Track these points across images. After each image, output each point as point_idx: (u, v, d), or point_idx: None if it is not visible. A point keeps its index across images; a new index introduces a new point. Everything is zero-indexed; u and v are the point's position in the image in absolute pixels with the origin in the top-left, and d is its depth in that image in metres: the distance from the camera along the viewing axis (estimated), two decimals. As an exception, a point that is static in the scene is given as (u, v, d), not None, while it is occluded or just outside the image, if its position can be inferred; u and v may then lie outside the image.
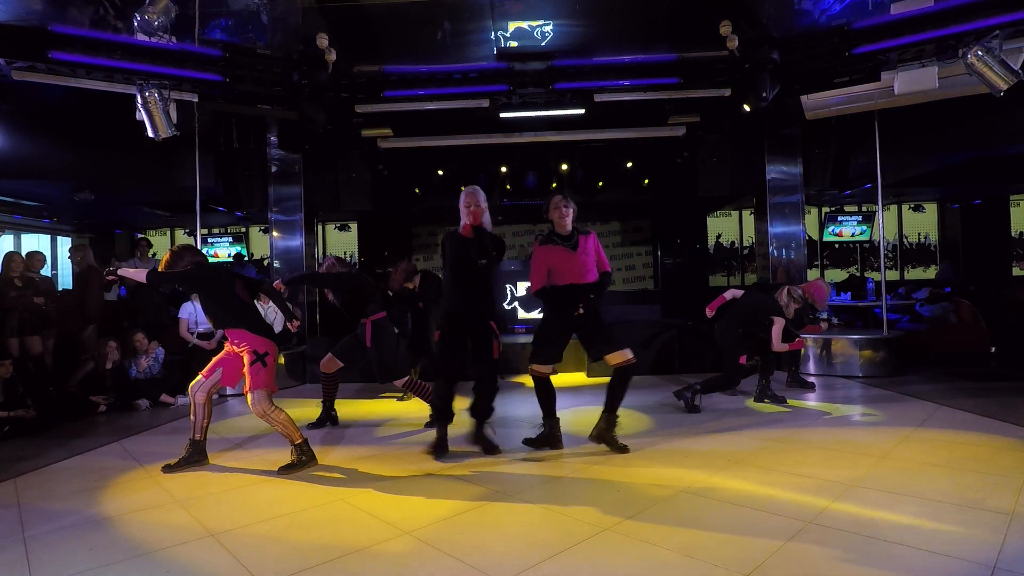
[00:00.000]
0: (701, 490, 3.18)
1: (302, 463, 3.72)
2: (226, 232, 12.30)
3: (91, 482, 3.63)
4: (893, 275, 11.86)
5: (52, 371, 6.09)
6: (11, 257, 6.17)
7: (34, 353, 5.99)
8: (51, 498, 3.38)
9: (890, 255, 12.14)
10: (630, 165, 9.13)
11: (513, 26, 6.98)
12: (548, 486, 3.34)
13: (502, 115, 6.55)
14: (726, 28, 5.60)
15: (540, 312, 7.78)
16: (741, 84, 6.01)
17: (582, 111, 6.54)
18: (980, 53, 4.93)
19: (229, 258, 11.56)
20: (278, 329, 7.13)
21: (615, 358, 3.89)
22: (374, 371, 4.72)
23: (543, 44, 6.95)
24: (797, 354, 6.10)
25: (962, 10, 5.04)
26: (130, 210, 10.43)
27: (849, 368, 6.59)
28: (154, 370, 6.11)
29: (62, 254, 11.54)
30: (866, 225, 11.04)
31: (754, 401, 5.34)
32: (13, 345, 5.74)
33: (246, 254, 11.95)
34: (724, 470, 3.52)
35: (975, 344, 7.06)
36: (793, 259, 7.70)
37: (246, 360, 3.72)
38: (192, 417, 3.83)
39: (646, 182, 9.80)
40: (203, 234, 9.33)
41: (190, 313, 6.61)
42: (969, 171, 8.70)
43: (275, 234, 7.96)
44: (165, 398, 5.96)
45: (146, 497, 3.34)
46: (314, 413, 5.06)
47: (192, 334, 6.55)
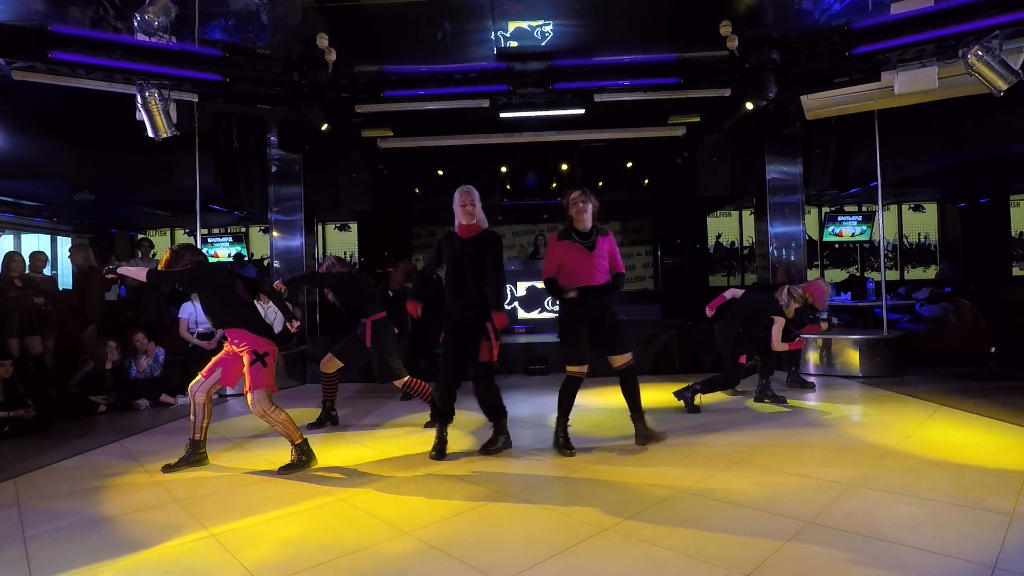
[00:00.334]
0: (701, 490, 3.18)
1: (302, 463, 3.72)
2: (226, 232, 12.31)
3: (91, 482, 3.63)
4: (893, 275, 11.86)
5: (52, 371, 6.09)
6: (11, 257, 6.17)
7: (34, 353, 5.99)
8: (51, 498, 3.38)
9: (890, 255, 12.14)
10: (630, 165, 9.13)
11: (513, 26, 6.98)
12: (548, 486, 3.34)
13: (502, 115, 6.56)
14: (726, 28, 5.60)
15: (539, 312, 7.72)
16: (742, 84, 6.02)
17: (582, 111, 6.55)
18: (980, 53, 4.93)
19: (229, 258, 11.57)
20: (278, 329, 7.13)
21: (618, 360, 3.96)
22: (374, 371, 4.72)
23: (543, 44, 6.95)
24: (797, 354, 6.10)
25: (962, 10, 5.04)
26: (130, 210, 10.43)
27: (849, 368, 6.59)
28: (154, 370, 6.11)
29: (62, 254, 11.53)
30: (866, 225, 11.04)
31: (754, 401, 5.34)
32: (13, 345, 5.74)
33: (246, 254, 11.95)
34: (724, 470, 3.52)
35: (975, 344, 7.06)
36: (793, 259, 7.71)
37: (246, 360, 3.72)
38: (192, 417, 3.83)
39: (646, 182, 9.80)
40: (203, 234, 9.33)
41: (190, 313, 6.61)
42: (969, 171, 8.70)
43: (275, 234, 7.97)
44: (165, 398, 5.96)
45: (146, 497, 3.34)
46: (314, 413, 5.06)
47: (192, 334, 6.55)
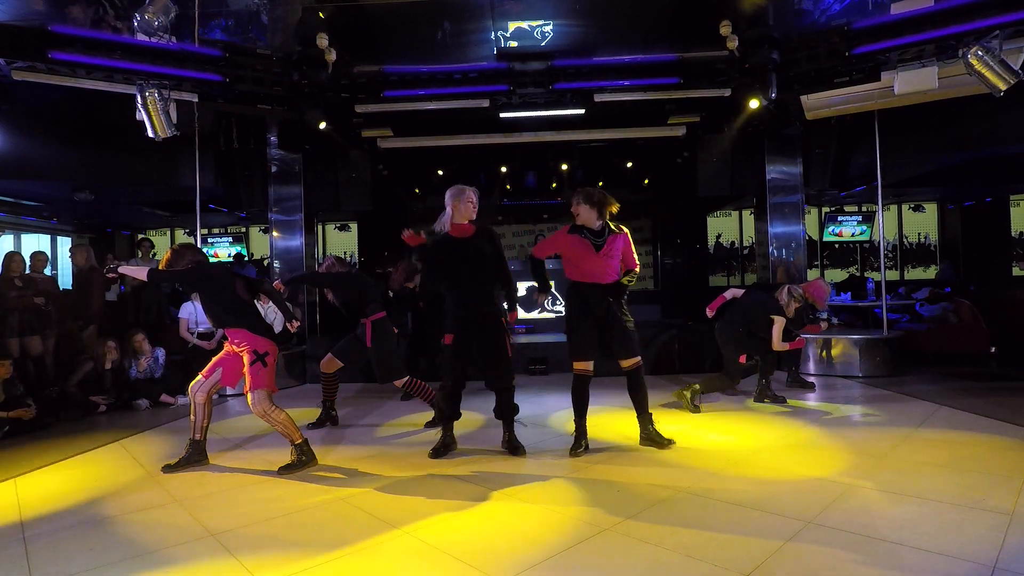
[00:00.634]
0: (701, 490, 3.18)
1: (302, 463, 3.72)
2: (226, 232, 12.31)
3: (91, 482, 3.63)
4: (893, 275, 11.86)
5: (52, 371, 6.10)
6: (12, 257, 6.17)
7: (34, 353, 6.00)
8: (51, 498, 3.38)
9: (890, 255, 12.14)
10: (630, 165, 9.13)
11: (513, 26, 6.99)
12: (548, 486, 3.34)
13: (502, 115, 6.56)
14: (726, 28, 5.60)
15: (539, 312, 7.72)
16: (742, 84, 6.02)
17: (582, 111, 6.55)
18: (980, 53, 4.93)
19: (229, 258, 11.57)
20: (278, 329, 7.13)
21: (627, 362, 3.93)
22: (374, 371, 4.72)
23: (543, 44, 6.95)
24: (798, 354, 6.10)
25: (962, 10, 5.04)
26: (130, 210, 10.44)
27: (849, 368, 6.59)
28: (154, 370, 6.11)
29: (62, 254, 11.54)
30: (866, 225, 11.04)
31: (754, 401, 5.34)
32: (13, 345, 5.75)
33: (246, 254, 11.95)
34: (724, 470, 3.52)
35: (975, 344, 7.06)
36: (793, 259, 7.71)
37: (246, 360, 3.72)
38: (192, 417, 3.83)
39: (646, 182, 9.81)
40: (203, 234, 9.33)
41: (190, 313, 6.61)
42: (969, 171, 8.71)
43: (275, 234, 7.96)
44: (165, 398, 5.96)
45: (146, 497, 3.34)
46: (314, 413, 5.06)
47: (192, 334, 6.55)
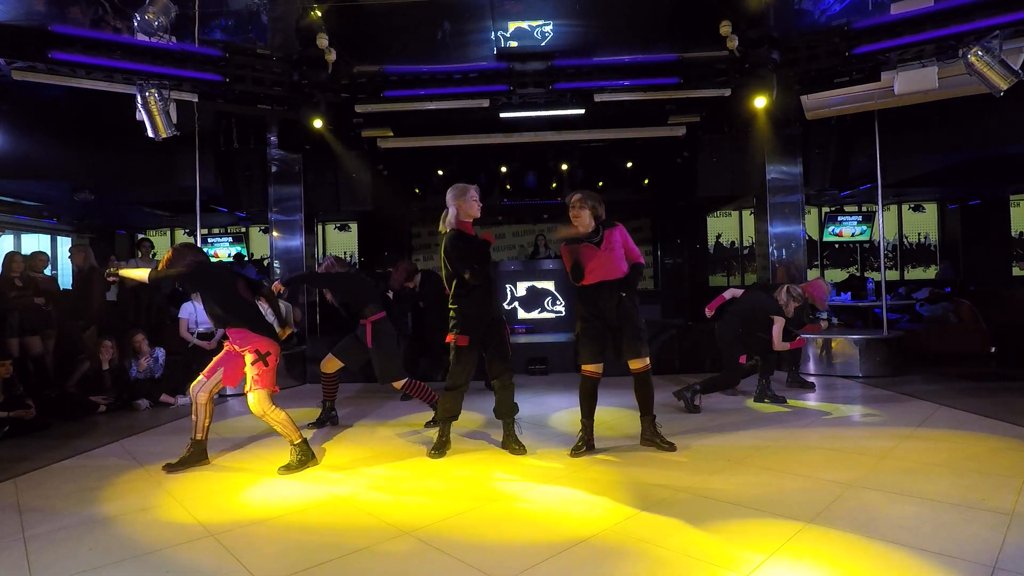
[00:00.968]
0: (701, 490, 3.18)
1: (301, 463, 3.72)
2: (226, 232, 12.31)
3: (91, 482, 3.63)
4: (893, 275, 11.87)
5: (52, 371, 6.10)
6: (12, 257, 6.17)
7: (34, 353, 6.00)
8: (51, 498, 3.38)
9: (890, 255, 12.14)
10: (630, 165, 9.14)
11: (513, 26, 7.00)
12: (548, 486, 3.34)
13: (502, 115, 6.57)
14: (726, 28, 5.61)
15: (539, 312, 7.73)
16: (745, 83, 6.02)
17: (582, 111, 6.55)
18: (980, 53, 4.93)
19: (229, 258, 11.58)
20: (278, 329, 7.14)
21: (635, 364, 3.89)
22: (375, 372, 4.72)
23: (543, 44, 6.96)
24: (798, 354, 6.10)
25: (962, 10, 5.05)
26: (130, 210, 10.45)
27: (849, 368, 6.59)
28: (155, 371, 6.11)
29: (62, 254, 11.54)
30: (866, 225, 11.04)
31: (754, 401, 5.34)
32: (13, 345, 5.75)
33: (246, 254, 11.96)
34: (724, 470, 3.52)
35: (975, 344, 7.07)
36: (793, 259, 7.71)
37: (248, 360, 3.72)
38: (194, 417, 3.83)
39: (646, 182, 9.81)
40: (203, 234, 9.32)
41: (190, 313, 6.61)
42: (969, 171, 8.71)
43: (275, 234, 7.97)
44: (165, 398, 5.96)
45: (146, 497, 3.34)
46: (314, 413, 5.06)
47: (192, 334, 6.55)
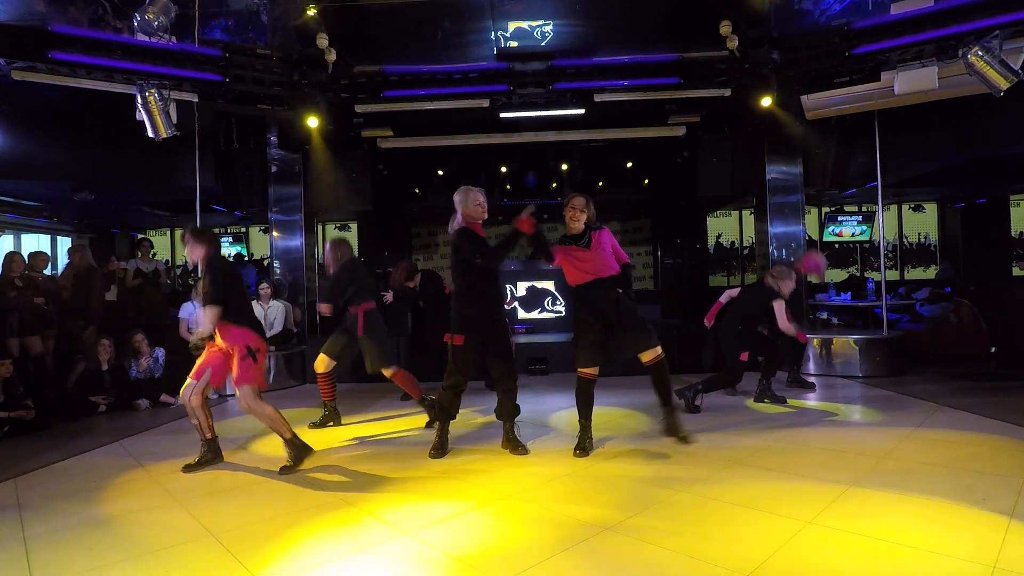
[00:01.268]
0: (701, 490, 3.18)
1: (299, 458, 3.73)
2: (226, 232, 12.30)
3: (91, 482, 3.63)
4: (893, 275, 11.86)
5: (52, 371, 6.09)
6: (12, 257, 6.17)
7: (34, 353, 6.00)
8: (51, 498, 3.38)
9: (890, 255, 12.14)
10: (630, 165, 9.13)
11: (513, 26, 6.99)
12: (548, 486, 3.34)
13: (502, 115, 6.57)
14: (726, 28, 5.60)
15: (539, 312, 7.70)
16: (745, 83, 6.02)
17: (582, 111, 6.55)
18: (980, 53, 4.93)
19: (229, 258, 11.57)
20: (278, 329, 7.15)
21: (647, 355, 3.80)
22: (365, 361, 4.71)
23: (543, 44, 6.95)
24: (800, 353, 6.11)
25: (962, 10, 5.04)
26: (130, 210, 10.44)
27: (849, 368, 6.59)
28: (155, 371, 6.11)
29: (62, 254, 11.53)
30: (866, 225, 11.03)
31: (754, 401, 5.34)
32: (13, 345, 5.74)
33: (246, 254, 11.95)
34: (724, 470, 3.52)
35: (975, 344, 7.06)
36: (793, 259, 7.70)
37: (236, 355, 3.70)
38: (194, 421, 3.81)
39: (646, 182, 9.80)
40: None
41: (190, 313, 6.61)
42: (969, 171, 8.70)
43: (275, 234, 7.97)
44: (165, 398, 5.96)
45: (146, 497, 3.34)
46: (314, 413, 5.06)
47: (192, 334, 6.54)
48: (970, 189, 10.88)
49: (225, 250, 11.84)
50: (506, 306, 8.57)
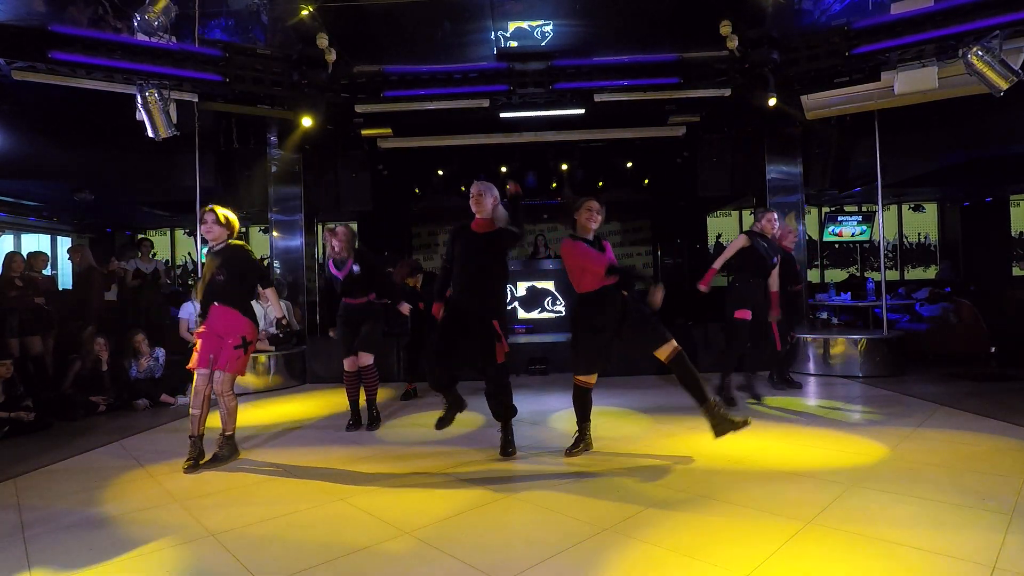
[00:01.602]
0: (701, 490, 3.18)
1: (229, 456, 3.91)
2: (226, 232, 12.28)
3: (91, 482, 3.63)
4: (893, 275, 11.87)
5: (52, 371, 6.09)
6: (12, 257, 6.18)
7: (34, 353, 6.00)
8: (51, 498, 3.38)
9: (890, 255, 12.14)
10: (630, 165, 9.14)
11: (513, 26, 6.99)
12: (548, 486, 3.34)
13: (502, 115, 6.56)
14: (726, 28, 5.60)
15: (539, 312, 7.66)
16: (745, 83, 6.02)
17: (582, 111, 6.55)
18: (980, 53, 4.93)
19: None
20: (274, 329, 7.16)
21: (662, 352, 3.60)
22: (357, 341, 4.75)
23: (543, 44, 6.95)
24: (791, 352, 6.14)
25: (962, 10, 5.04)
26: (130, 210, 10.44)
27: (849, 368, 6.59)
28: (155, 371, 6.11)
29: (62, 254, 11.54)
30: (866, 225, 11.02)
31: (751, 402, 5.29)
32: (13, 345, 5.75)
33: (246, 254, 11.93)
34: (724, 470, 3.52)
35: (975, 344, 7.05)
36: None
37: (230, 342, 3.78)
38: (197, 412, 3.82)
39: (646, 182, 9.81)
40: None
41: (190, 313, 6.61)
42: (969, 171, 8.70)
43: (275, 234, 7.97)
44: (165, 398, 5.96)
45: (146, 497, 3.35)
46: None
47: (192, 334, 6.55)
48: (970, 189, 10.88)
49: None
50: (506, 306, 8.59)
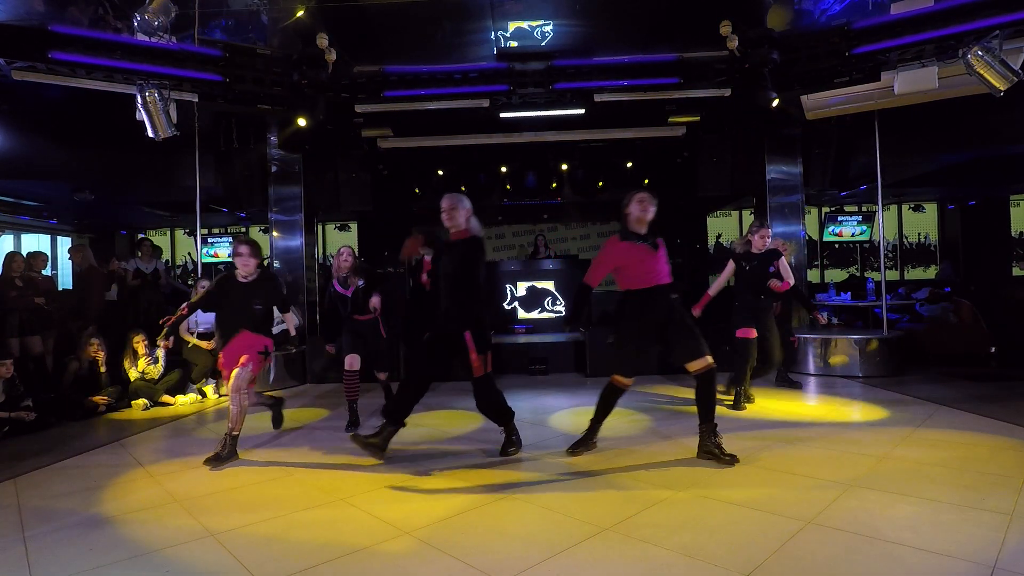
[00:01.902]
0: (701, 490, 3.18)
1: (228, 457, 3.92)
2: (226, 232, 12.30)
3: (91, 482, 3.64)
4: (893, 275, 11.87)
5: (52, 371, 6.09)
6: (12, 257, 6.17)
7: (34, 353, 6.00)
8: (51, 498, 3.39)
9: (890, 255, 12.14)
10: (630, 165, 9.13)
11: (513, 26, 6.99)
12: (548, 486, 3.34)
13: (502, 115, 6.56)
14: (726, 28, 5.60)
15: (539, 312, 7.68)
16: (745, 83, 6.01)
17: (582, 111, 6.55)
18: (980, 53, 4.92)
19: (229, 258, 11.57)
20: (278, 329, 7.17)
21: (695, 365, 3.59)
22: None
23: (543, 44, 6.96)
24: (791, 353, 6.14)
25: (962, 10, 5.04)
26: (130, 210, 10.43)
27: (849, 368, 6.59)
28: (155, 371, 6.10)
29: (62, 254, 11.54)
30: (866, 225, 11.03)
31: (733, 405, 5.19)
32: (13, 345, 5.75)
33: (246, 254, 11.93)
34: (724, 470, 3.52)
35: (975, 344, 7.06)
36: (793, 259, 7.71)
37: (255, 349, 4.04)
38: (237, 408, 3.96)
39: (646, 182, 9.79)
40: (203, 234, 9.32)
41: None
42: (969, 171, 8.70)
43: (275, 234, 7.97)
44: (165, 398, 5.96)
45: (146, 497, 3.35)
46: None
47: (192, 334, 6.55)
48: (970, 189, 10.88)
49: (225, 250, 11.85)
50: (505, 306, 8.59)
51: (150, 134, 5.48)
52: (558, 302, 8.57)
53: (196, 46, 5.64)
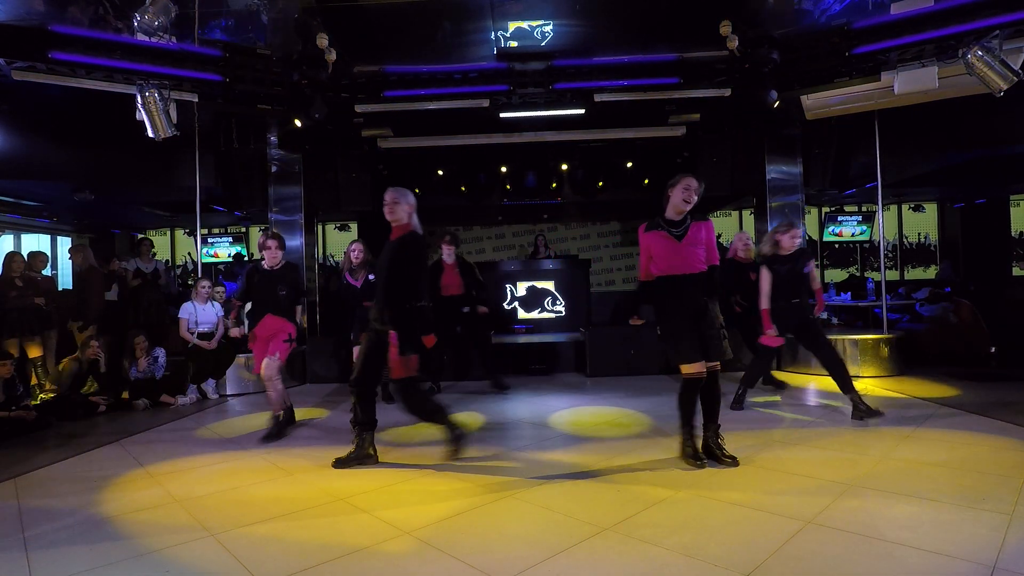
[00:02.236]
0: (701, 490, 3.18)
1: (278, 435, 4.51)
2: (226, 232, 12.29)
3: (91, 482, 3.64)
4: (893, 275, 11.86)
5: (52, 371, 6.09)
6: (12, 257, 6.17)
7: (34, 353, 5.99)
8: (51, 498, 3.39)
9: (890, 255, 12.14)
10: (630, 165, 9.13)
11: (513, 26, 6.99)
12: (548, 486, 3.34)
13: (502, 115, 6.55)
14: (726, 28, 5.60)
15: (539, 312, 7.67)
16: (745, 83, 6.01)
17: (582, 111, 6.55)
18: (980, 53, 4.92)
19: (229, 258, 11.56)
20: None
21: (711, 365, 3.58)
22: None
23: (543, 44, 6.95)
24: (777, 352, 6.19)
25: (962, 10, 5.03)
26: (130, 210, 10.43)
27: (849, 368, 6.55)
28: (155, 371, 6.11)
29: (62, 254, 11.54)
30: (866, 225, 11.03)
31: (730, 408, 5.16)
32: (13, 345, 5.75)
33: (246, 254, 11.94)
34: (724, 470, 3.52)
35: (975, 344, 7.05)
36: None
37: (280, 337, 4.62)
38: (273, 393, 4.58)
39: (646, 182, 9.79)
40: (203, 234, 9.32)
41: (190, 313, 6.60)
42: (969, 171, 8.69)
43: (275, 234, 7.96)
44: (165, 398, 5.96)
45: (146, 497, 3.35)
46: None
47: (192, 334, 6.55)
48: (970, 189, 10.87)
49: (225, 250, 11.85)
50: (505, 306, 8.59)
51: (150, 134, 5.47)
52: (558, 302, 8.56)
53: (196, 46, 5.64)
